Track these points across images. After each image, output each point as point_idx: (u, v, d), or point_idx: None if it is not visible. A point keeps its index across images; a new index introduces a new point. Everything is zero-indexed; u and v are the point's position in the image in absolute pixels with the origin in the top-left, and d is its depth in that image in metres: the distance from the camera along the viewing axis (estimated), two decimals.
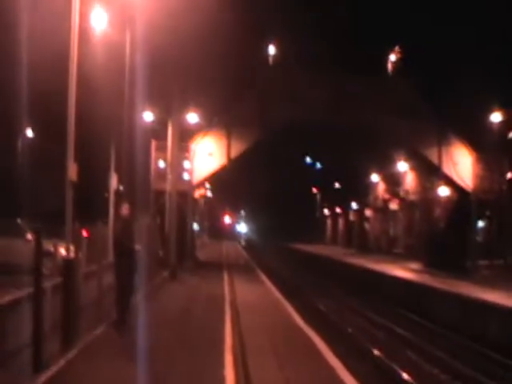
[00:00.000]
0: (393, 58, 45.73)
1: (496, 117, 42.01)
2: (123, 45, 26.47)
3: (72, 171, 16.60)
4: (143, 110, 35.87)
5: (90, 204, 35.22)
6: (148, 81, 28.01)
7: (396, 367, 19.76)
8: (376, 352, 22.05)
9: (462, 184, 45.27)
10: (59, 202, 17.81)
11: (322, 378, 12.74)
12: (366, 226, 76.78)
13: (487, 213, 47.38)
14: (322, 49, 44.60)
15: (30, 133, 44.74)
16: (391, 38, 45.80)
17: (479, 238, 48.91)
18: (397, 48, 45.42)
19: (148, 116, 39.11)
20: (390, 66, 45.82)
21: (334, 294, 39.25)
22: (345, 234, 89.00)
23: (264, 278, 36.85)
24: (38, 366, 11.52)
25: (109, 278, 16.96)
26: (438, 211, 50.56)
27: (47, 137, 40.05)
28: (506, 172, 44.84)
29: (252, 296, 26.79)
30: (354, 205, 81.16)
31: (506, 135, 41.95)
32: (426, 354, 22.31)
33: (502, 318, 24.27)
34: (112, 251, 16.95)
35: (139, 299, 19.80)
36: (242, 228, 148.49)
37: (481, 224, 49.54)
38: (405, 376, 18.78)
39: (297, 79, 44.29)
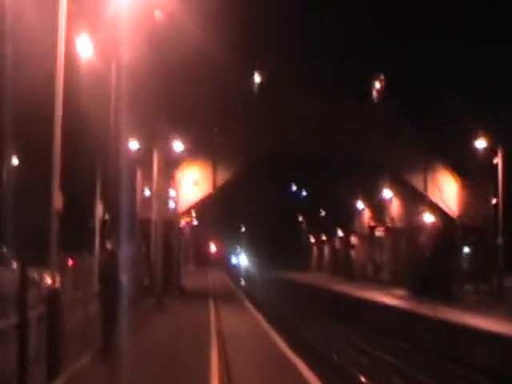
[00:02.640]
0: (377, 85, 46.01)
1: (481, 143, 42.24)
2: (109, 74, 26.55)
3: (57, 201, 16.55)
4: (128, 138, 35.86)
5: (76, 232, 35.06)
6: (133, 110, 28.06)
7: None
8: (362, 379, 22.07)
9: (447, 210, 45.44)
10: (45, 230, 17.72)
11: None
12: (352, 253, 76.74)
13: (473, 238, 47.48)
14: (307, 77, 44.78)
15: (15, 161, 44.60)
16: (376, 66, 46.07)
17: (465, 264, 48.97)
18: (381, 76, 45.73)
19: (133, 145, 39.08)
20: (374, 93, 46.08)
21: (321, 321, 39.25)
22: (331, 262, 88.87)
23: (249, 306, 36.70)
24: None
25: (94, 307, 16.87)
26: (423, 238, 50.64)
27: (32, 165, 39.93)
28: (491, 198, 44.98)
29: (237, 324, 26.74)
30: (339, 232, 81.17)
31: (490, 161, 42.13)
32: (406, 376, 22.50)
33: (488, 343, 24.33)
34: (97, 281, 16.90)
35: (125, 328, 19.66)
36: (242, 260, 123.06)
37: (466, 250, 49.63)
38: None
39: (282, 107, 44.39)
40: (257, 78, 46.14)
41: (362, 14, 47.62)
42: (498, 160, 41.08)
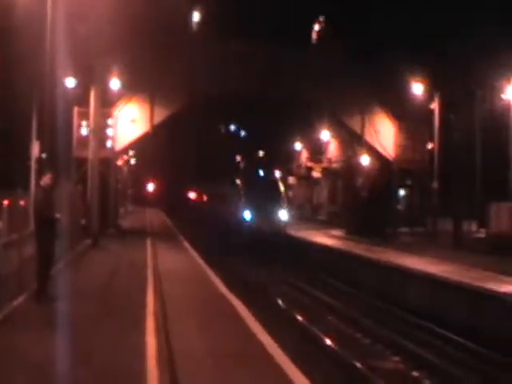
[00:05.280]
0: (317, 27, 45.91)
1: (418, 87, 42.57)
2: (45, 8, 25.93)
3: None
4: (65, 75, 35.26)
5: (11, 172, 34.57)
6: (70, 46, 27.55)
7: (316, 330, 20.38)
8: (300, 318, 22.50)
9: (384, 153, 45.87)
10: None
11: (241, 339, 13.02)
12: (290, 193, 77.30)
13: (408, 182, 48.17)
14: (247, 17, 44.49)
15: None
16: (318, 10, 45.94)
17: (401, 207, 49.77)
18: (321, 18, 45.61)
19: (70, 82, 38.40)
20: (314, 35, 45.97)
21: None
22: None
23: (186, 244, 36.83)
24: None
25: (29, 248, 16.71)
26: (360, 179, 51.19)
27: None
28: (427, 142, 45.59)
29: (173, 261, 27.08)
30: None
31: (427, 106, 42.56)
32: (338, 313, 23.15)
33: (416, 282, 25.06)
34: (33, 220, 16.67)
35: (61, 268, 19.64)
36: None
37: (402, 193, 50.38)
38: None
39: (220, 48, 43.95)
40: (196, 16, 45.57)
41: None
42: (434, 105, 41.58)
